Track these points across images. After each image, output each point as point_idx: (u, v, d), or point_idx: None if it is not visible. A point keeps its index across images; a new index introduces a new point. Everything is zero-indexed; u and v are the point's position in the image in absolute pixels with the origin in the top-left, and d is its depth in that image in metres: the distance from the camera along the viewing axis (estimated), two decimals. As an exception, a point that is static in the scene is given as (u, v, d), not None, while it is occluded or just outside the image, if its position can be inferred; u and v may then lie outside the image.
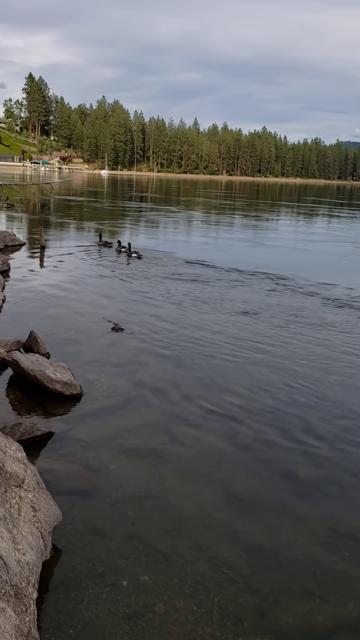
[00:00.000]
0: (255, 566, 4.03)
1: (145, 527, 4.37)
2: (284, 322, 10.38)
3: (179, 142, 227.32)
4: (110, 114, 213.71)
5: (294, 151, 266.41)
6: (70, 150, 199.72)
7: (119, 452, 5.48)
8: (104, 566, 3.92)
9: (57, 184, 60.14)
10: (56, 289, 12.30)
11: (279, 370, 7.86)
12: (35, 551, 3.43)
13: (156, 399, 6.78)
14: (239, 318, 10.56)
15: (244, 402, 6.79)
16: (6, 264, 14.16)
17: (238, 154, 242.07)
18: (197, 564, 4.00)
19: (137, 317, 10.26)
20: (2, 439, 4.13)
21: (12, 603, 2.78)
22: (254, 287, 13.72)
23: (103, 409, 6.43)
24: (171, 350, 8.48)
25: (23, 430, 5.43)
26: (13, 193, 40.87)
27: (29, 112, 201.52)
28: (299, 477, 5.25)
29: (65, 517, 4.26)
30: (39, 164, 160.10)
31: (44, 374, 6.57)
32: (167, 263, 16.78)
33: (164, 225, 30.42)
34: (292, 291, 13.29)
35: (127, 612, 3.54)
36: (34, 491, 3.93)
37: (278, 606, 3.68)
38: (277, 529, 4.47)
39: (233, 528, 4.46)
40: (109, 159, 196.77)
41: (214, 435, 5.97)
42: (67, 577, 3.80)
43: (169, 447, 5.64)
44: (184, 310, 10.95)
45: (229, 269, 16.07)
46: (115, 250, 18.54)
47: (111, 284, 13.30)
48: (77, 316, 10.19)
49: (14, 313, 10.21)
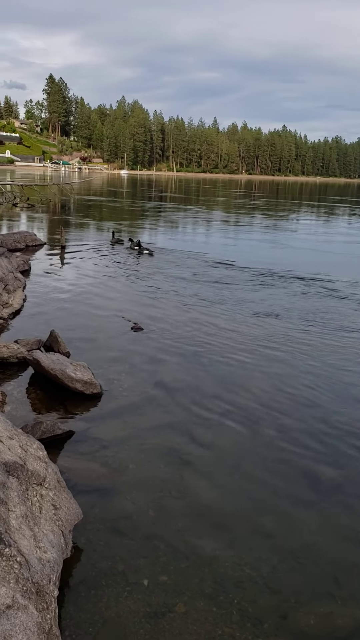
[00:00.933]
0: (275, 567, 4.01)
1: (165, 527, 4.38)
2: (307, 324, 10.31)
3: (199, 142, 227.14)
4: (130, 114, 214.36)
5: (314, 150, 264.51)
6: (90, 150, 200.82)
7: (139, 452, 5.49)
8: (125, 565, 3.93)
9: (77, 184, 60.55)
10: (76, 289, 12.37)
11: (301, 372, 7.80)
12: (56, 549, 3.45)
13: (176, 398, 6.78)
14: (260, 319, 10.51)
15: (264, 403, 6.75)
16: (27, 264, 14.28)
17: (258, 152, 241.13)
18: (217, 564, 3.99)
19: (157, 317, 10.27)
20: (23, 438, 4.16)
21: (33, 600, 2.80)
22: (276, 287, 13.64)
23: (123, 408, 6.44)
24: (191, 350, 8.47)
25: (44, 429, 5.46)
26: (34, 193, 41.20)
27: (49, 112, 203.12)
28: (320, 478, 5.21)
29: (86, 516, 4.28)
30: (59, 165, 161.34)
31: (65, 373, 6.61)
32: (188, 263, 16.77)
33: (184, 224, 30.42)
34: (316, 293, 13.17)
35: (147, 611, 3.54)
36: (54, 489, 3.95)
37: (299, 608, 3.66)
38: (297, 530, 4.44)
39: (253, 528, 4.44)
40: (128, 159, 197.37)
41: (234, 435, 5.95)
42: (88, 575, 3.81)
43: (188, 447, 5.64)
44: (204, 311, 10.94)
45: (250, 269, 16.02)
46: (128, 248, 18.67)
47: (130, 283, 13.33)
48: (97, 315, 10.24)
49: (35, 312, 10.29)
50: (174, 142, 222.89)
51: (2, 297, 9.99)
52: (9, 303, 10.18)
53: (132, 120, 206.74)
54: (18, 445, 3.94)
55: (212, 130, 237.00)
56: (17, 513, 3.24)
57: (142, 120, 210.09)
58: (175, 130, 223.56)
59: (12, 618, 2.52)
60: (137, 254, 17.70)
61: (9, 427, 4.13)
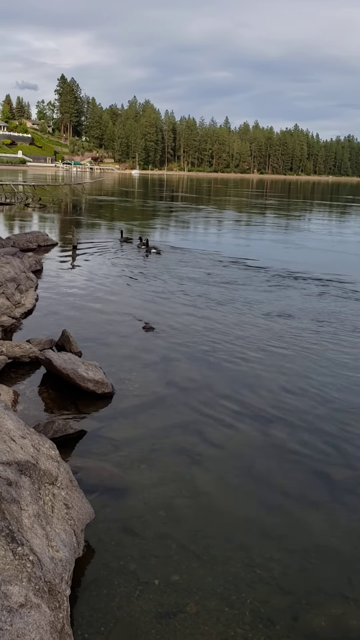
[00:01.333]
0: (287, 568, 3.99)
1: (177, 527, 4.38)
2: (320, 325, 10.26)
3: (210, 141, 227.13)
4: (141, 113, 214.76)
5: (326, 149, 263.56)
6: (101, 150, 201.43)
7: (150, 451, 5.49)
8: (136, 564, 3.93)
9: (89, 184, 60.79)
10: (87, 288, 12.41)
11: (313, 373, 7.77)
12: (68, 548, 3.46)
13: (187, 398, 6.78)
14: (272, 319, 10.48)
15: (276, 403, 6.73)
16: (39, 264, 14.34)
17: (269, 152, 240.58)
18: (229, 564, 3.98)
19: (168, 317, 10.27)
20: (35, 437, 4.18)
21: (46, 599, 2.81)
22: (290, 288, 13.59)
23: (134, 407, 6.45)
24: (202, 350, 8.47)
25: (56, 428, 5.49)
26: (45, 194, 41.32)
27: (61, 113, 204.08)
28: (333, 479, 5.18)
29: (98, 515, 4.29)
30: (70, 165, 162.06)
31: (76, 372, 6.63)
32: (200, 263, 16.77)
33: (196, 224, 30.41)
34: (330, 294, 13.09)
35: (159, 611, 3.54)
36: (66, 489, 3.97)
37: (311, 609, 3.64)
38: (309, 531, 4.43)
39: (265, 529, 4.43)
40: (139, 158, 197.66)
41: (246, 435, 5.94)
42: (100, 574, 3.82)
43: (200, 447, 5.63)
44: (215, 310, 10.93)
45: (263, 269, 15.98)
46: (137, 247, 18.94)
47: (141, 283, 13.34)
48: (108, 315, 10.26)
49: (47, 312, 10.34)
50: (186, 141, 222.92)
51: (15, 297, 10.04)
52: (21, 303, 10.23)
53: (144, 120, 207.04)
54: (30, 444, 3.96)
55: (223, 129, 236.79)
56: (30, 512, 3.26)
57: (154, 120, 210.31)
58: (187, 129, 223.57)
59: (25, 617, 2.53)
60: (145, 253, 17.92)
61: (22, 426, 4.15)
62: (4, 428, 3.86)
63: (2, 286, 9.71)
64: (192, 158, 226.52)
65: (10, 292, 9.94)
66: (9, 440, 3.73)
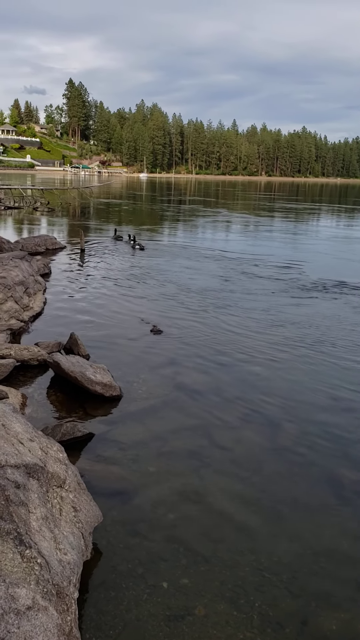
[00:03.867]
0: (296, 571, 3.97)
1: (185, 530, 4.36)
2: (331, 330, 10.22)
3: (218, 144, 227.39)
4: (149, 117, 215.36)
5: (334, 151, 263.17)
6: (109, 154, 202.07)
7: (158, 454, 5.48)
8: (144, 568, 3.92)
9: (97, 188, 60.98)
10: (95, 292, 12.43)
11: (323, 377, 7.73)
12: (76, 551, 3.46)
13: (195, 401, 6.76)
14: (282, 323, 10.45)
15: (284, 406, 6.71)
16: (47, 267, 14.40)
17: (277, 154, 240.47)
18: (238, 568, 3.97)
19: (176, 320, 10.27)
20: (43, 440, 4.19)
21: (54, 602, 2.81)
22: (299, 291, 13.55)
23: (142, 410, 6.45)
24: (210, 353, 8.45)
25: (64, 431, 5.49)
26: (54, 197, 41.47)
27: (69, 117, 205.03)
28: (342, 482, 5.15)
29: (106, 518, 4.29)
30: (78, 169, 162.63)
31: (84, 375, 6.64)
32: (210, 267, 16.77)
33: (205, 227, 30.39)
34: (344, 299, 13.06)
35: (167, 614, 3.53)
36: (75, 492, 3.97)
37: (320, 613, 3.62)
38: (319, 534, 4.40)
39: (274, 532, 4.41)
40: (147, 162, 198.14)
41: (254, 438, 5.91)
42: (108, 577, 3.82)
43: (208, 450, 5.62)
44: (223, 313, 10.91)
45: (273, 273, 15.96)
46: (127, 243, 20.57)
47: (149, 286, 13.35)
48: (116, 318, 10.27)
49: (55, 315, 10.37)
50: (193, 144, 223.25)
51: (23, 300, 10.08)
52: (29, 306, 10.26)
53: (151, 123, 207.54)
54: (38, 447, 3.96)
55: (231, 132, 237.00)
56: (38, 515, 3.26)
57: (161, 124, 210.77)
58: (194, 132, 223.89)
59: (33, 619, 2.53)
60: (132, 248, 19.66)
61: (30, 429, 4.16)
62: (12, 431, 3.87)
63: (10, 290, 9.75)
64: (200, 161, 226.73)
65: (19, 296, 9.97)
66: (17, 443, 3.73)
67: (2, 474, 3.19)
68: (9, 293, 9.66)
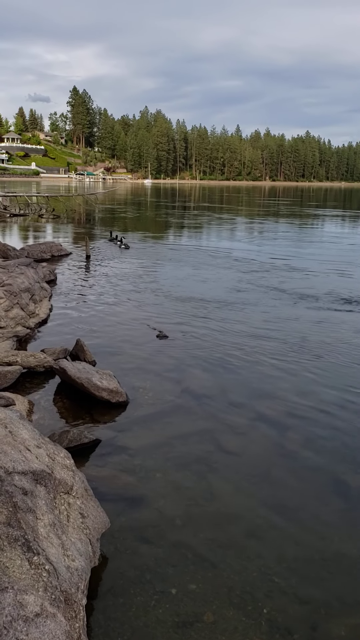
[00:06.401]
0: (305, 577, 3.95)
1: (193, 535, 4.35)
2: (339, 335, 10.20)
3: (222, 149, 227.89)
4: (153, 123, 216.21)
5: (338, 155, 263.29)
6: (113, 160, 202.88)
7: (166, 460, 5.47)
8: (152, 574, 3.91)
9: (102, 195, 61.20)
10: (101, 298, 12.45)
11: (331, 379, 7.71)
12: (84, 557, 3.46)
13: (202, 406, 6.76)
14: (288, 327, 10.43)
15: (292, 410, 6.69)
16: (53, 274, 14.44)
17: (281, 159, 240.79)
18: (246, 573, 3.95)
19: (182, 325, 10.27)
20: (50, 446, 4.19)
21: (62, 609, 2.81)
22: (308, 296, 13.53)
23: (149, 416, 6.44)
24: (217, 357, 8.45)
25: (71, 438, 5.49)
26: (59, 204, 41.60)
27: (73, 124, 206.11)
28: (350, 486, 5.13)
29: (113, 524, 4.28)
30: (83, 175, 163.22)
31: (91, 381, 6.64)
32: (216, 272, 16.77)
33: (208, 233, 30.40)
34: (355, 306, 13.03)
35: (176, 620, 3.52)
36: (82, 498, 3.97)
37: (329, 619, 3.59)
38: (327, 539, 4.38)
39: (282, 537, 4.39)
40: (151, 168, 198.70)
41: (262, 443, 5.90)
42: (116, 584, 3.81)
43: (215, 455, 5.61)
44: (229, 317, 10.90)
45: (281, 278, 15.94)
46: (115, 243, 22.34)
47: (154, 292, 13.35)
48: (122, 324, 10.28)
49: (61, 321, 10.39)
50: (197, 150, 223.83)
51: (29, 307, 10.11)
52: (35, 313, 10.29)
53: (155, 129, 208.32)
54: (45, 453, 3.97)
55: (235, 137, 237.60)
56: (45, 521, 3.26)
57: (165, 130, 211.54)
58: (198, 138, 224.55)
59: (41, 626, 2.53)
60: (119, 247, 21.41)
61: (37, 436, 4.16)
62: (20, 437, 3.88)
63: (16, 296, 9.78)
64: (204, 166, 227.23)
65: (25, 303, 10.01)
66: (25, 449, 3.74)
67: (10, 480, 3.20)
68: (15, 300, 9.69)
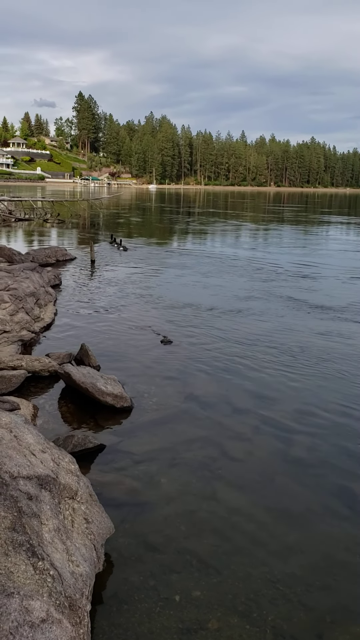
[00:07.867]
0: (310, 584, 3.92)
1: (197, 542, 4.34)
2: (343, 343, 10.18)
3: (226, 155, 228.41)
4: (158, 129, 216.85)
5: (343, 161, 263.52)
6: (118, 166, 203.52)
7: (170, 466, 5.46)
8: (156, 580, 3.90)
9: (106, 200, 61.33)
10: (105, 302, 12.47)
11: (336, 389, 7.68)
12: (89, 563, 3.45)
13: (207, 412, 6.74)
14: (294, 335, 10.41)
15: (297, 417, 6.67)
16: (58, 278, 14.47)
17: (286, 165, 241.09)
18: (250, 580, 3.93)
19: (186, 330, 10.27)
20: (55, 451, 4.19)
21: (67, 614, 2.80)
22: (315, 303, 13.52)
23: (153, 421, 6.44)
24: (221, 363, 8.44)
25: (75, 442, 5.49)
26: (64, 209, 41.71)
27: (78, 129, 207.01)
28: (355, 494, 5.10)
29: (117, 530, 4.27)
30: (88, 180, 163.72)
31: (95, 386, 6.64)
32: (221, 278, 16.77)
33: (213, 238, 30.42)
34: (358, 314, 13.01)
35: (180, 627, 3.50)
36: (86, 503, 3.96)
37: (335, 627, 3.57)
38: (333, 547, 4.35)
39: (286, 544, 4.37)
40: (156, 173, 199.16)
41: (267, 449, 5.88)
42: (120, 589, 3.80)
43: (220, 461, 5.59)
44: (234, 323, 10.89)
45: (287, 285, 15.93)
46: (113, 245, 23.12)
47: (159, 296, 13.36)
48: (126, 329, 10.28)
49: (66, 326, 10.40)
50: (202, 155, 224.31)
51: (34, 312, 10.12)
52: (40, 317, 10.31)
53: (160, 135, 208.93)
54: (50, 458, 3.97)
55: (240, 143, 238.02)
56: (50, 526, 3.25)
57: (170, 135, 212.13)
58: (203, 144, 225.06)
59: (47, 632, 2.52)
60: (118, 249, 22.18)
61: (41, 441, 4.16)
62: (24, 442, 3.88)
63: (22, 301, 9.80)
64: (209, 172, 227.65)
65: (30, 307, 10.02)
66: (29, 454, 3.74)
67: (15, 485, 3.19)
68: (20, 304, 9.71)
